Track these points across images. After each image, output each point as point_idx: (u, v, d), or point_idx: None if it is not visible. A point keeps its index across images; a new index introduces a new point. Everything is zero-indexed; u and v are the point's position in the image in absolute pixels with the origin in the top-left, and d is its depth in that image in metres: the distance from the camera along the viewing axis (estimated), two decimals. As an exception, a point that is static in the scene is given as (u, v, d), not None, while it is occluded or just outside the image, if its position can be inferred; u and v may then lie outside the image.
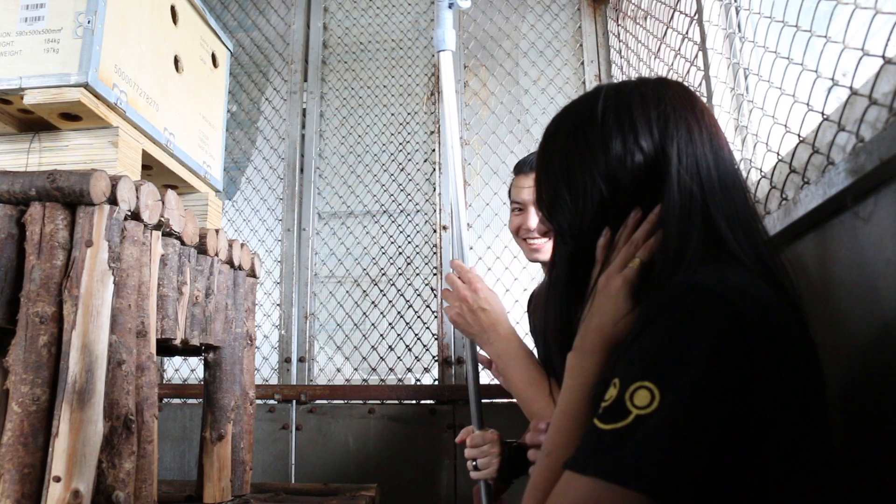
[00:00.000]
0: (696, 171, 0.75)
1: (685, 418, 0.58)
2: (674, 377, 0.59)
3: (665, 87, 0.81)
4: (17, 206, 1.13)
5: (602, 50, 2.68)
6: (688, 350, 0.60)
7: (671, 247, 0.72)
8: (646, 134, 0.77)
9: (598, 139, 0.79)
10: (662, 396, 0.59)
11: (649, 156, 0.77)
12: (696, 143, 0.77)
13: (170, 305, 1.32)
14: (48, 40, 1.23)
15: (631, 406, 0.60)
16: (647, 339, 0.64)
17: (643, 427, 0.58)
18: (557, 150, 0.83)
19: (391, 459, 2.38)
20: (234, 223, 2.78)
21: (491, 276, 2.55)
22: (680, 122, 0.78)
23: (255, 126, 2.86)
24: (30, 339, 1.06)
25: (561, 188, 0.82)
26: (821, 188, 0.93)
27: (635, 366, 0.63)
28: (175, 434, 2.51)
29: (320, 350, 2.61)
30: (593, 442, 0.62)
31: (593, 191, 0.79)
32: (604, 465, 0.59)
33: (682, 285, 0.65)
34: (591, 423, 0.63)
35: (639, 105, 0.79)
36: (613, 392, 0.63)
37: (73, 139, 1.30)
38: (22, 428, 1.02)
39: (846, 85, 0.95)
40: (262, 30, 2.93)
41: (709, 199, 0.74)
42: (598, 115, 0.80)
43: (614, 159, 0.78)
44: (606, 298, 0.77)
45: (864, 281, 0.87)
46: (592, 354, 0.77)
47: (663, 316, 0.64)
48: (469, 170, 2.64)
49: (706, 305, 0.62)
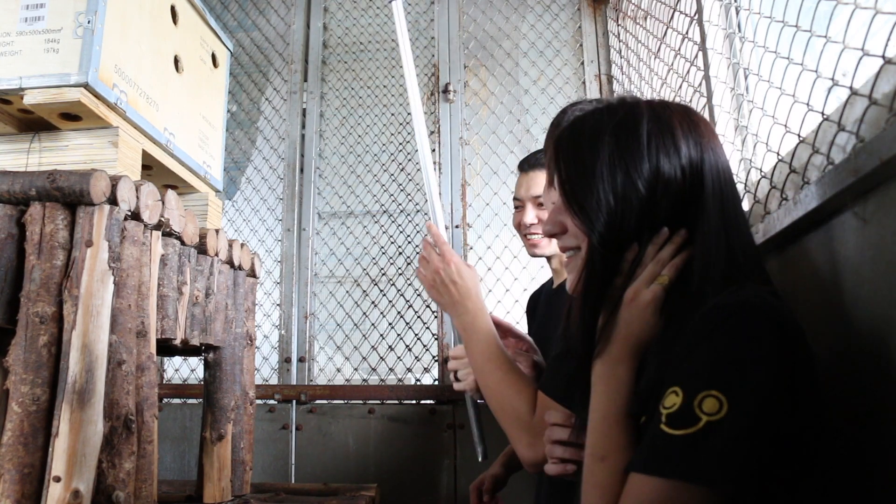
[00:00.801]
0: (721, 195, 0.83)
1: (755, 422, 0.65)
2: (740, 386, 0.66)
3: (695, 116, 0.88)
4: (18, 206, 1.13)
5: (602, 50, 2.68)
6: (747, 362, 0.67)
7: (711, 264, 0.79)
8: (686, 157, 0.83)
9: (645, 154, 0.83)
10: (731, 404, 0.65)
11: (687, 178, 0.83)
12: (721, 170, 0.84)
13: (170, 305, 1.32)
14: (48, 40, 1.23)
15: (700, 413, 0.66)
16: (709, 352, 0.70)
17: (717, 431, 0.65)
18: (600, 154, 0.85)
19: (391, 459, 2.37)
20: (234, 223, 2.78)
21: (491, 276, 2.55)
22: (710, 149, 0.85)
23: (255, 126, 2.86)
24: (30, 339, 1.06)
25: (603, 191, 0.85)
26: (821, 188, 0.92)
27: (699, 377, 0.69)
28: (175, 434, 2.51)
29: (320, 350, 2.61)
30: (664, 446, 0.68)
31: (635, 199, 0.83)
32: (684, 467, 0.65)
33: (731, 305, 0.72)
34: (655, 429, 0.69)
35: (679, 129, 0.84)
36: (677, 400, 0.69)
37: (73, 139, 1.30)
38: (22, 428, 1.02)
39: (846, 85, 0.95)
40: (262, 30, 2.93)
41: (729, 221, 0.82)
42: (643, 132, 0.84)
43: (660, 175, 0.82)
44: (635, 311, 0.82)
45: (864, 281, 0.87)
46: (622, 363, 0.82)
47: (720, 331, 0.70)
48: (469, 170, 2.64)
49: (760, 322, 0.69)
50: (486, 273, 2.55)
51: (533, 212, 1.61)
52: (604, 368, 0.84)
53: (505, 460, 1.71)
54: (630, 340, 0.83)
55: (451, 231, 2.55)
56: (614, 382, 0.82)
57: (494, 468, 1.70)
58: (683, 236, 0.83)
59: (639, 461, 0.70)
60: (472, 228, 2.59)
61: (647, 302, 0.82)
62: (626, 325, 0.83)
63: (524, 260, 2.55)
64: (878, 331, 0.85)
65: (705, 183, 0.83)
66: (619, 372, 0.82)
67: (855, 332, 0.90)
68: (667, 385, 0.71)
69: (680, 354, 0.73)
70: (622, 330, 0.83)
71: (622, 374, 0.82)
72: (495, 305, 2.52)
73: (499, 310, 2.51)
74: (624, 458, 0.76)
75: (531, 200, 1.61)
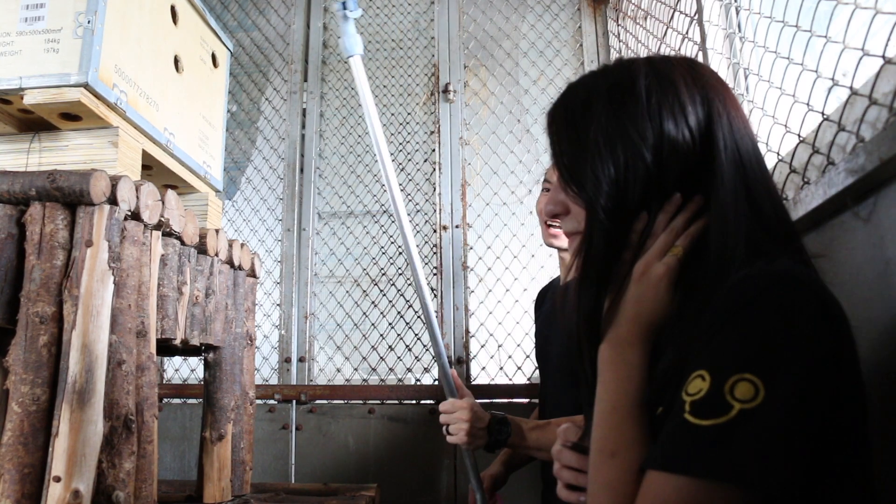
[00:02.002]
0: (738, 156, 0.73)
1: (798, 411, 0.57)
2: (779, 370, 0.57)
3: (701, 69, 0.79)
4: (17, 206, 1.12)
5: (602, 50, 2.68)
6: (789, 342, 0.58)
7: (729, 233, 0.70)
8: (693, 115, 0.74)
9: (646, 115, 0.75)
10: (769, 390, 0.56)
11: (696, 138, 0.74)
12: (736, 127, 0.75)
13: (170, 305, 1.32)
14: (48, 40, 1.23)
15: (732, 400, 0.57)
16: (739, 331, 0.61)
17: (753, 421, 0.56)
18: (595, 120, 0.77)
19: (391, 459, 2.37)
20: (234, 223, 2.78)
21: (491, 276, 2.55)
22: (720, 105, 0.75)
23: (255, 126, 2.86)
24: (30, 339, 1.06)
25: (601, 160, 0.76)
26: (821, 188, 0.93)
27: (731, 358, 0.60)
28: (175, 434, 2.51)
29: (320, 350, 2.61)
30: (689, 439, 0.59)
31: (639, 166, 0.74)
32: (714, 463, 0.56)
33: (765, 277, 0.63)
34: (678, 419, 0.60)
35: (683, 85, 0.76)
36: (703, 385, 0.60)
37: (73, 139, 1.30)
38: (22, 428, 1.02)
39: (846, 85, 0.95)
40: (262, 30, 2.93)
41: (752, 185, 0.73)
42: (642, 90, 0.76)
43: (665, 137, 0.74)
44: (646, 287, 0.74)
45: (864, 281, 0.87)
46: (632, 346, 0.73)
47: (753, 307, 0.61)
48: (469, 170, 2.64)
49: (798, 296, 0.61)
50: (486, 273, 2.55)
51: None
52: (612, 352, 0.74)
53: (505, 459, 1.71)
54: (641, 320, 0.73)
55: (452, 231, 2.55)
56: (624, 368, 0.72)
57: (494, 467, 1.70)
58: (698, 202, 0.74)
59: (658, 457, 0.61)
60: (472, 228, 2.58)
61: (660, 276, 0.73)
62: (636, 303, 0.74)
63: (524, 260, 2.55)
64: (878, 331, 0.85)
65: (716, 142, 0.73)
66: (629, 356, 0.73)
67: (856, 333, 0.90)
68: (690, 369, 0.62)
69: (705, 333, 0.63)
70: (631, 308, 0.74)
71: (632, 358, 0.73)
72: (495, 305, 2.52)
73: (499, 310, 2.51)
74: (637, 454, 0.67)
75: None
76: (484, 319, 2.51)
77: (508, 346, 2.48)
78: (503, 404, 2.32)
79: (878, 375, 0.84)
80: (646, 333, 0.73)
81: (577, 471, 0.83)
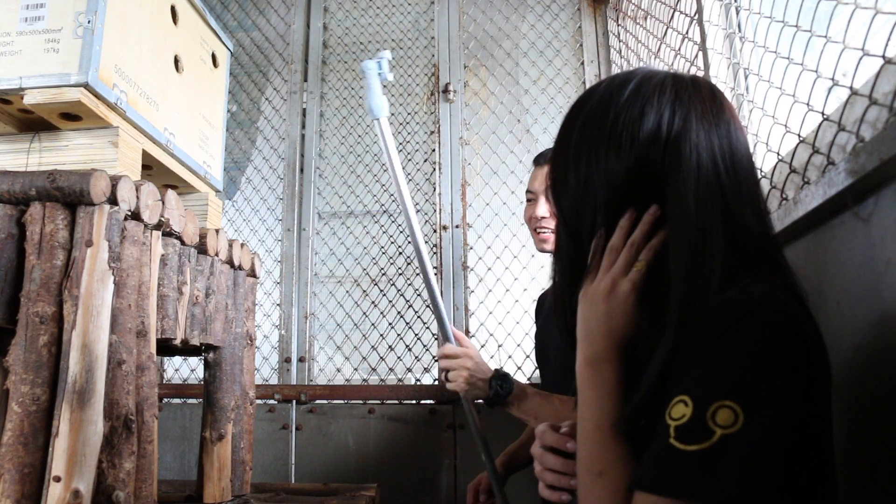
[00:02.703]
0: (716, 175, 0.73)
1: (775, 435, 0.60)
2: (756, 396, 0.60)
3: (691, 81, 0.79)
4: (18, 205, 1.12)
5: (602, 50, 2.68)
6: (765, 369, 0.61)
7: (693, 252, 0.71)
8: (656, 128, 0.75)
9: (610, 128, 0.77)
10: (747, 415, 0.59)
11: (658, 150, 0.75)
12: (716, 146, 0.74)
13: (170, 305, 1.32)
14: (48, 40, 1.23)
15: (714, 426, 0.60)
16: (719, 359, 0.63)
17: (734, 446, 0.59)
18: (575, 131, 0.80)
19: (391, 459, 2.37)
20: (234, 223, 2.78)
21: (491, 276, 2.55)
22: (703, 121, 0.75)
23: (255, 126, 2.86)
24: (30, 339, 1.06)
25: (569, 171, 0.79)
26: (821, 188, 0.93)
27: (711, 385, 0.63)
28: (175, 434, 2.51)
29: (320, 350, 2.61)
30: (676, 463, 0.62)
31: (596, 180, 0.76)
32: (700, 487, 0.60)
33: (742, 304, 0.65)
34: (663, 442, 0.63)
35: (656, 97, 0.76)
36: (686, 411, 0.62)
37: (73, 139, 1.30)
38: (22, 428, 1.02)
39: (846, 85, 0.95)
40: (262, 30, 2.93)
41: (729, 200, 0.73)
42: (619, 104, 0.77)
43: (623, 150, 0.75)
44: (615, 304, 0.75)
45: (864, 281, 0.87)
46: (609, 362, 0.75)
47: (730, 335, 0.64)
48: (469, 170, 2.64)
49: (776, 324, 0.63)
50: (486, 273, 2.55)
51: (545, 205, 1.61)
52: (589, 370, 0.76)
53: (504, 460, 1.71)
54: (614, 336, 0.75)
55: (452, 231, 2.55)
56: (602, 385, 0.75)
57: None
58: (654, 213, 0.75)
59: (647, 479, 0.64)
60: (472, 228, 2.59)
61: (627, 292, 0.75)
62: (607, 320, 0.75)
63: (524, 260, 2.55)
64: (878, 331, 0.85)
65: (682, 157, 0.73)
66: (606, 372, 0.75)
67: (855, 333, 0.90)
68: (673, 391, 0.65)
69: (686, 358, 0.66)
70: (603, 325, 0.76)
71: (609, 374, 0.75)
72: (495, 305, 2.52)
73: (499, 309, 2.51)
74: (623, 471, 0.70)
75: (544, 194, 1.62)
76: (484, 319, 2.51)
77: (508, 346, 2.49)
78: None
79: (878, 375, 0.84)
80: (619, 350, 0.76)
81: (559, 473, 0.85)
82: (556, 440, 0.86)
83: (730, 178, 0.74)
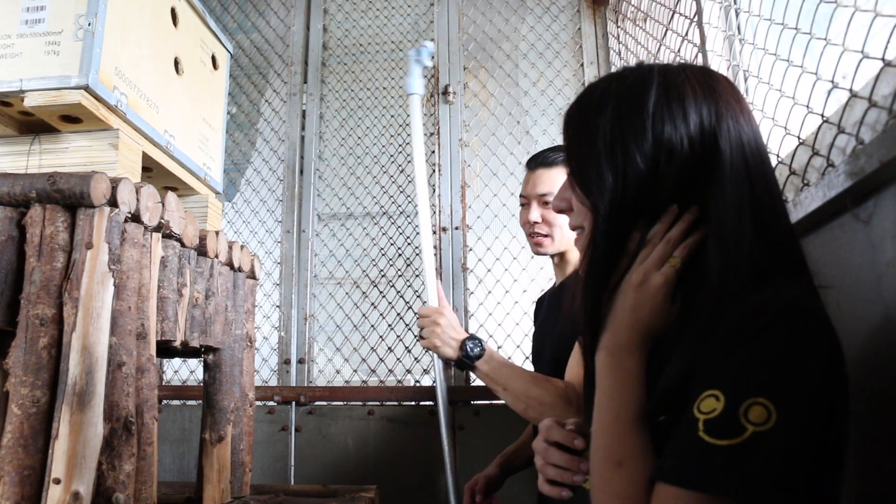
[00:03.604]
0: (746, 172, 0.74)
1: (807, 436, 0.60)
2: (791, 396, 0.60)
3: (715, 78, 0.79)
4: (18, 208, 1.12)
5: (601, 52, 2.68)
6: (800, 369, 0.61)
7: (729, 247, 0.71)
8: (696, 128, 0.75)
9: (648, 121, 0.76)
10: (780, 414, 0.59)
11: (699, 151, 0.75)
12: (747, 142, 0.75)
13: (170, 307, 1.32)
14: (49, 42, 1.23)
15: (746, 422, 0.60)
16: (755, 355, 0.63)
17: (766, 444, 0.59)
18: (602, 126, 0.79)
19: (391, 461, 2.37)
20: (233, 225, 2.78)
21: (490, 278, 2.55)
22: (731, 118, 0.76)
23: (254, 128, 2.86)
24: (30, 342, 1.06)
25: (603, 166, 0.78)
26: (821, 190, 0.93)
27: (745, 381, 0.62)
28: (174, 436, 2.51)
29: (320, 352, 2.61)
30: (704, 457, 0.61)
31: (636, 173, 0.76)
32: (729, 482, 0.59)
33: (779, 304, 0.66)
34: (691, 436, 0.62)
35: (691, 96, 0.76)
36: (717, 405, 0.62)
37: (73, 141, 1.30)
38: (22, 430, 1.02)
39: (846, 87, 0.96)
40: (261, 32, 2.93)
41: (758, 203, 0.73)
42: (649, 101, 0.77)
43: (663, 144, 0.75)
44: (645, 296, 0.75)
45: (863, 283, 0.88)
46: (631, 353, 0.75)
47: (767, 334, 0.64)
48: (468, 171, 2.64)
49: (809, 325, 0.64)
50: (485, 275, 2.55)
51: (538, 210, 1.61)
52: (610, 359, 0.76)
53: (501, 461, 1.71)
54: (639, 328, 0.75)
55: (451, 233, 2.55)
56: (622, 375, 0.74)
57: (490, 469, 1.70)
58: (694, 213, 0.75)
59: (672, 471, 0.63)
60: (471, 230, 2.59)
61: (658, 286, 0.75)
62: (634, 311, 0.75)
63: (523, 261, 2.55)
64: (877, 332, 0.85)
65: (721, 153, 0.74)
66: (627, 363, 0.75)
67: (855, 335, 0.90)
68: (700, 386, 0.64)
69: (716, 354, 0.66)
70: (630, 316, 0.76)
71: (630, 365, 0.74)
72: (495, 307, 2.52)
73: (498, 311, 2.51)
74: (643, 463, 0.69)
75: (537, 198, 1.62)
76: (483, 321, 2.51)
77: (508, 348, 2.48)
78: (500, 405, 2.31)
79: (877, 377, 0.84)
80: (643, 341, 0.75)
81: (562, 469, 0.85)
82: (563, 436, 0.85)
83: (757, 168, 0.75)
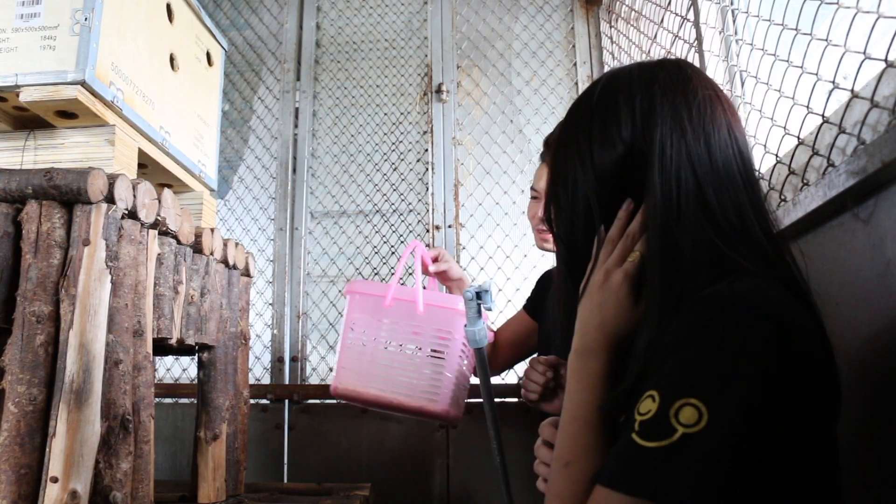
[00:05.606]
0: (688, 159, 0.71)
1: (738, 438, 0.57)
2: (723, 396, 0.57)
3: (658, 68, 0.77)
4: (14, 204, 1.11)
5: (594, 51, 2.69)
6: (736, 368, 0.58)
7: (665, 240, 0.70)
8: (627, 122, 0.74)
9: (586, 132, 0.76)
10: (711, 415, 0.57)
11: (631, 147, 0.74)
12: (686, 129, 0.72)
13: (166, 305, 1.31)
14: (45, 37, 1.22)
15: (676, 424, 0.58)
16: (690, 354, 0.61)
17: (693, 446, 0.57)
18: (559, 143, 0.80)
19: (384, 459, 2.37)
20: (226, 222, 2.76)
21: (483, 276, 2.55)
22: (667, 106, 0.73)
23: (247, 125, 2.84)
24: (26, 339, 1.05)
25: (557, 187, 0.79)
26: (821, 189, 0.93)
27: (679, 381, 0.60)
28: (167, 434, 2.49)
29: (313, 350, 2.60)
30: (634, 459, 0.59)
31: (580, 190, 0.76)
32: (653, 485, 0.57)
33: (723, 299, 0.63)
34: (627, 437, 0.61)
35: (625, 91, 0.75)
36: (652, 406, 0.60)
37: (69, 137, 1.29)
38: (18, 428, 1.01)
39: (847, 88, 0.96)
40: (254, 29, 2.92)
41: (705, 192, 0.70)
42: (591, 106, 0.77)
43: (598, 153, 0.75)
44: (608, 294, 0.74)
45: (863, 282, 0.88)
46: (596, 354, 0.73)
47: (706, 331, 0.61)
48: (462, 169, 2.64)
49: (751, 322, 0.60)
50: (478, 273, 2.55)
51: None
52: (577, 362, 0.74)
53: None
54: (605, 328, 0.73)
55: (444, 231, 2.55)
56: (586, 377, 0.73)
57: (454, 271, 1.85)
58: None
59: (605, 473, 0.62)
60: (464, 228, 2.59)
61: (619, 283, 0.73)
62: (599, 311, 0.74)
63: (516, 260, 2.56)
64: (878, 332, 0.85)
65: (652, 149, 0.72)
66: (592, 365, 0.73)
67: (855, 334, 0.90)
68: (646, 386, 0.63)
69: (661, 353, 0.64)
70: (596, 316, 0.74)
71: (595, 367, 0.73)
72: (488, 305, 2.51)
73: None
74: (590, 464, 0.68)
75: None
76: (477, 319, 2.51)
77: (501, 346, 2.48)
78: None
79: (879, 375, 0.85)
80: (610, 342, 0.74)
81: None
82: (551, 434, 0.84)
83: (707, 168, 0.72)
